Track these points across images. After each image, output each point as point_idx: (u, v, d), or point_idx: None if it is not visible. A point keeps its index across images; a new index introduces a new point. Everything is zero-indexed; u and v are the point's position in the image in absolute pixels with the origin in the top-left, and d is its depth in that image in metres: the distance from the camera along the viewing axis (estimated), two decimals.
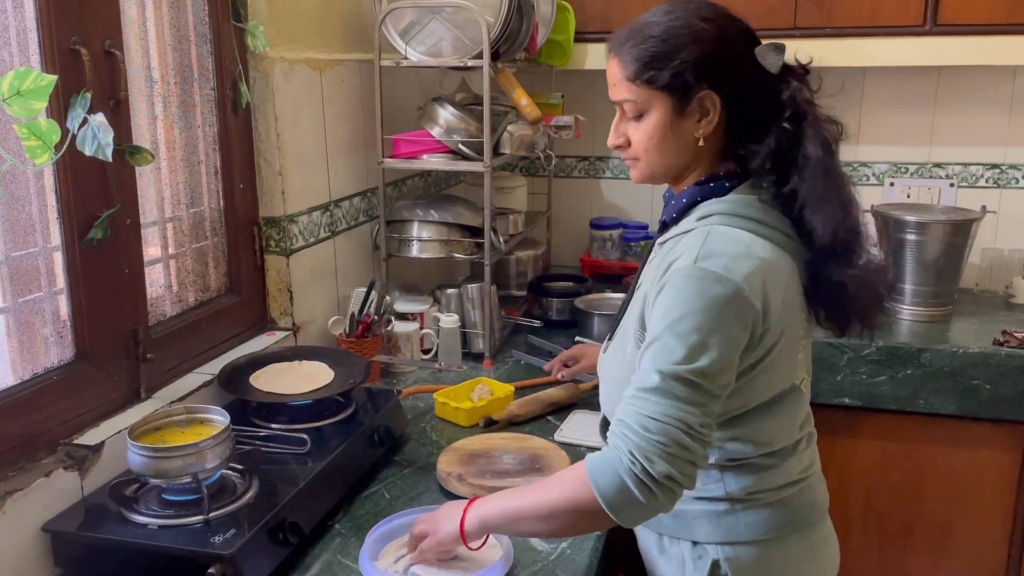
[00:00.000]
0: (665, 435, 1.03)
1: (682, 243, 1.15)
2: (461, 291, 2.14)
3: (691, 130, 1.17)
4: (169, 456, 1.21)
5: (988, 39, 2.23)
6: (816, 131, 1.15)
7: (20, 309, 1.28)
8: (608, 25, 2.46)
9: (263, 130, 1.79)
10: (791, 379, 1.20)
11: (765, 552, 1.20)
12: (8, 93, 1.04)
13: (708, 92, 1.14)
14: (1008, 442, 2.16)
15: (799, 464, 1.24)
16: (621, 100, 1.20)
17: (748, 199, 1.17)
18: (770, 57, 1.16)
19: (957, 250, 2.31)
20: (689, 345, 1.05)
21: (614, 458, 1.05)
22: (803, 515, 1.24)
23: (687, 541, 1.22)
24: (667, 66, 1.14)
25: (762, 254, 1.12)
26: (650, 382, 1.06)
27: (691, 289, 1.07)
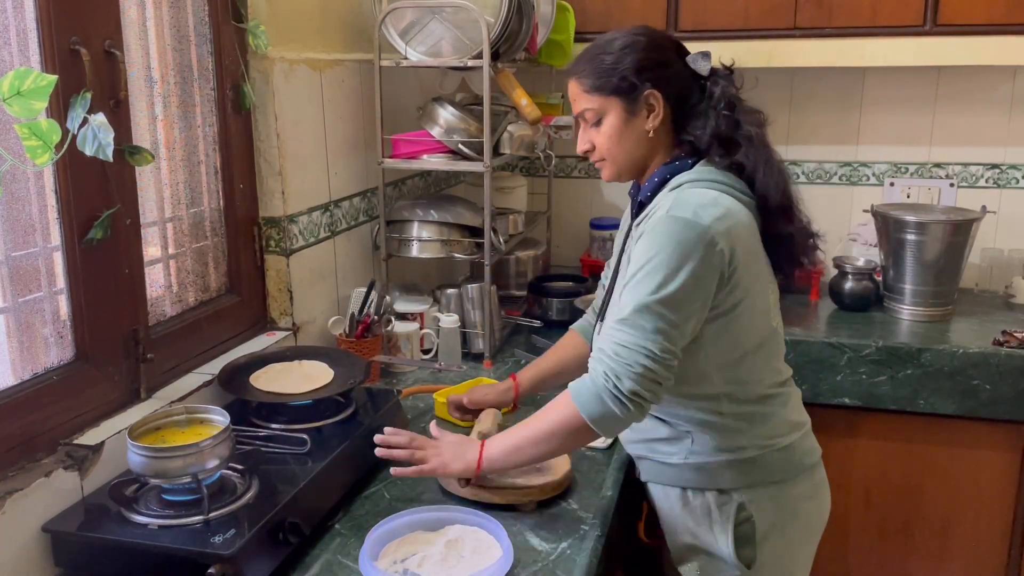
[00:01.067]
0: (632, 359, 1.24)
1: (655, 208, 1.34)
2: (461, 291, 2.14)
3: (642, 125, 1.39)
4: (169, 456, 1.21)
5: (988, 39, 2.23)
6: (748, 116, 1.40)
7: (20, 309, 1.28)
8: (608, 25, 2.45)
9: (263, 130, 1.79)
10: (770, 321, 1.41)
11: (779, 492, 1.41)
12: (8, 93, 1.03)
13: (651, 91, 1.37)
14: (1008, 442, 2.16)
15: (797, 410, 1.47)
16: (582, 111, 1.42)
17: (710, 168, 1.38)
18: (699, 62, 1.40)
19: (957, 250, 2.31)
20: (657, 279, 1.25)
21: (592, 380, 1.27)
22: (808, 458, 1.45)
23: (712, 491, 1.40)
24: (614, 74, 1.37)
25: (727, 205, 1.32)
26: (623, 314, 1.27)
27: (661, 232, 1.27)
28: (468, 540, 1.27)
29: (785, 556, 1.45)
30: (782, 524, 1.42)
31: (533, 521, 1.36)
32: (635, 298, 1.26)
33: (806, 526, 1.47)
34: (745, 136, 1.38)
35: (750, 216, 1.36)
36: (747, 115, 1.40)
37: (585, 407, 1.26)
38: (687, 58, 1.41)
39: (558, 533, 1.33)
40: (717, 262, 1.27)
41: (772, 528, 1.40)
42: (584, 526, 1.35)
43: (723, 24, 2.37)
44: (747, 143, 1.37)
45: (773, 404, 1.41)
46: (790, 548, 1.45)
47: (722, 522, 1.39)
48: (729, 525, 1.38)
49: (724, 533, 1.39)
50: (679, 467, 1.41)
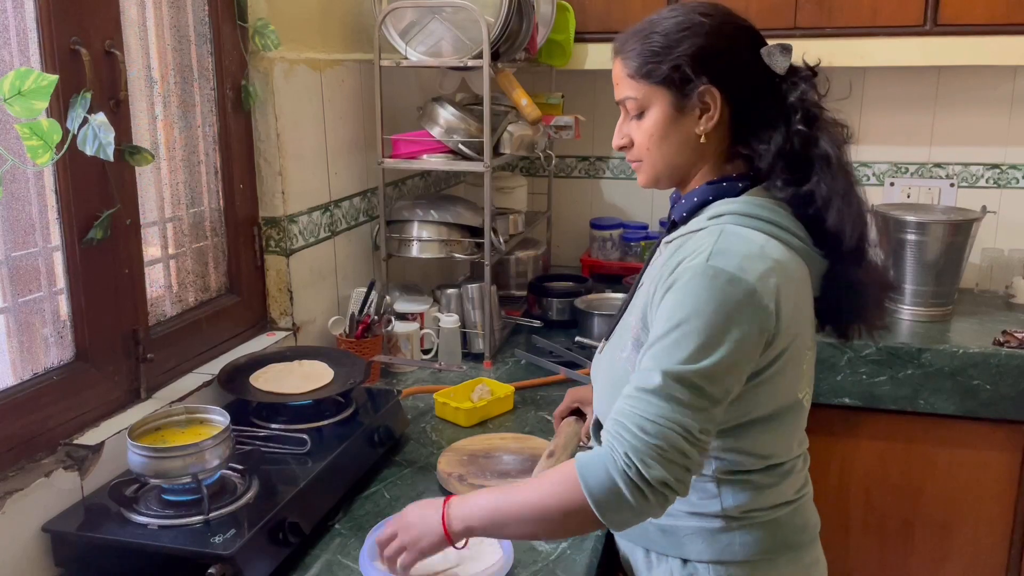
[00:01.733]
0: (663, 439, 1.00)
1: (692, 242, 1.12)
2: (461, 291, 2.13)
3: (692, 127, 1.15)
4: (169, 456, 1.21)
5: (988, 39, 2.23)
6: (830, 132, 1.14)
7: (20, 309, 1.28)
8: (608, 25, 2.46)
9: (263, 130, 1.79)
10: (795, 392, 1.17)
11: (756, 573, 1.17)
12: (9, 93, 1.03)
13: (708, 86, 1.13)
14: (1008, 442, 2.16)
15: (795, 484, 1.21)
16: (623, 98, 1.19)
17: (762, 200, 1.14)
18: (776, 58, 1.15)
19: (957, 250, 2.31)
20: (695, 346, 1.02)
21: (607, 458, 1.02)
22: (796, 536, 1.21)
23: (676, 558, 1.19)
24: (666, 60, 1.13)
25: (776, 255, 1.08)
26: (651, 383, 1.02)
27: (701, 287, 1.04)
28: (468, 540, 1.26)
29: None
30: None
31: None
32: (667, 365, 1.02)
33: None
34: (821, 156, 1.12)
35: (801, 268, 1.13)
36: (827, 130, 1.14)
37: (592, 490, 1.01)
38: (762, 51, 1.15)
39: None
40: (764, 326, 1.05)
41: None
42: None
43: None
44: (823, 166, 1.12)
45: (770, 476, 1.18)
46: None
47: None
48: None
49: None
50: (643, 526, 1.16)
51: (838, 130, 1.16)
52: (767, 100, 1.15)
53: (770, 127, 1.13)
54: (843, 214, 1.11)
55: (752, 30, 1.19)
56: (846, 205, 1.11)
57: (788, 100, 1.14)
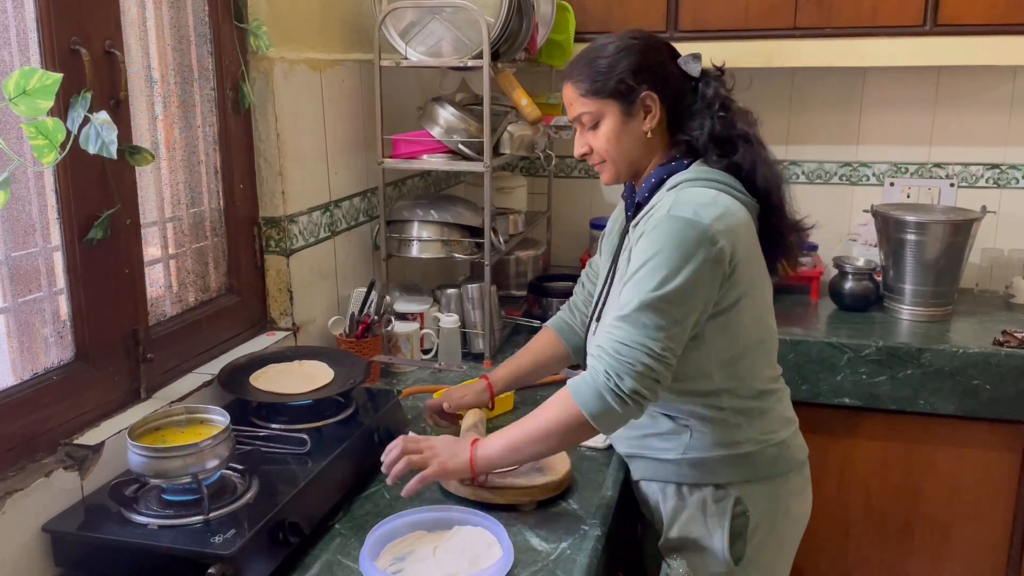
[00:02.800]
0: (632, 357, 1.26)
1: (655, 208, 1.36)
2: (461, 291, 2.13)
3: (639, 127, 1.41)
4: (169, 456, 1.21)
5: (988, 39, 2.23)
6: (741, 116, 1.42)
7: (20, 309, 1.28)
8: (608, 25, 2.46)
9: (263, 130, 1.79)
10: (767, 319, 1.44)
11: (774, 486, 1.44)
12: (14, 92, 1.04)
13: (648, 92, 1.39)
14: (1008, 442, 2.16)
15: (789, 407, 1.50)
16: (579, 114, 1.43)
17: (706, 168, 1.40)
18: (691, 64, 1.42)
19: (957, 250, 2.31)
20: (659, 277, 1.27)
21: (592, 377, 1.28)
22: (799, 454, 1.49)
23: (709, 486, 1.42)
24: (611, 77, 1.38)
25: (725, 203, 1.33)
26: (624, 311, 1.28)
27: (662, 231, 1.29)
28: (468, 540, 1.27)
29: (772, 551, 1.47)
30: (772, 519, 1.44)
31: (533, 521, 1.36)
32: (636, 296, 1.28)
33: (793, 522, 1.50)
34: (741, 136, 1.40)
35: (747, 215, 1.38)
36: (740, 115, 1.42)
37: (586, 404, 1.27)
38: (679, 60, 1.43)
39: (558, 533, 1.33)
40: (718, 260, 1.29)
41: (763, 523, 1.43)
42: (584, 526, 1.35)
43: (723, 24, 2.37)
44: (744, 143, 1.40)
45: (770, 400, 1.44)
46: (777, 543, 1.48)
47: (718, 516, 1.41)
48: (726, 520, 1.41)
49: (720, 527, 1.41)
50: (676, 463, 1.43)
51: (747, 115, 1.44)
52: (690, 98, 1.42)
53: (698, 118, 1.41)
54: (767, 176, 1.40)
55: (670, 45, 1.46)
56: (767, 169, 1.41)
57: (707, 96, 1.41)
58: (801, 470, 1.49)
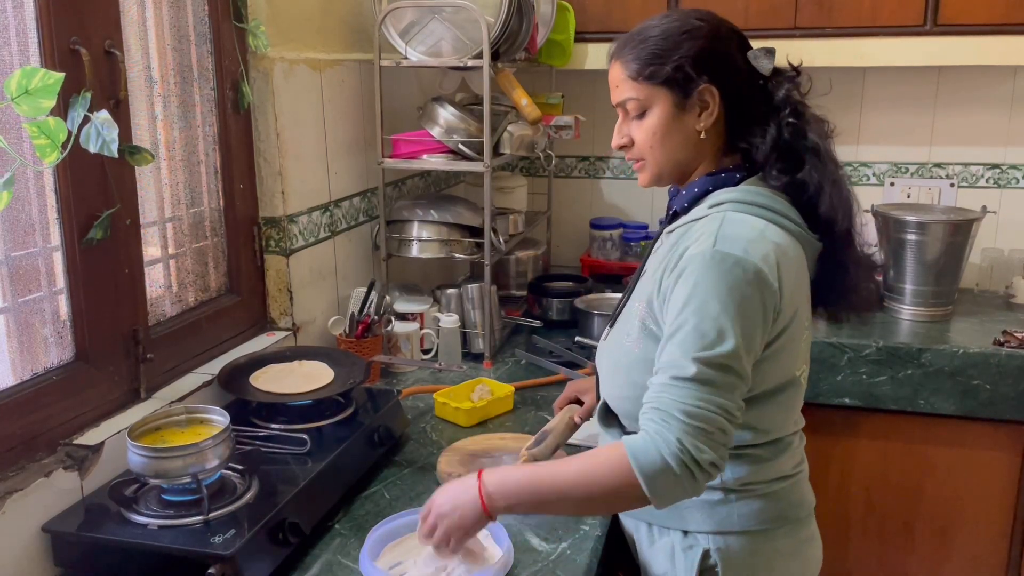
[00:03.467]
0: (710, 423, 1.07)
1: (695, 229, 1.18)
2: (461, 291, 2.13)
3: (692, 124, 1.22)
4: (169, 456, 1.21)
5: (988, 39, 2.23)
6: (815, 125, 1.23)
7: (20, 309, 1.28)
8: (608, 25, 2.46)
9: (263, 130, 1.79)
10: (794, 368, 1.23)
11: (754, 544, 1.24)
12: (16, 92, 1.04)
13: (707, 85, 1.19)
14: (1008, 442, 2.16)
15: (792, 459, 1.28)
16: (624, 99, 1.24)
17: (759, 188, 1.21)
18: (762, 60, 1.23)
19: (957, 250, 2.31)
20: (717, 329, 1.09)
21: (660, 444, 1.07)
22: (792, 510, 1.27)
23: (677, 531, 1.25)
24: (668, 61, 1.19)
25: (775, 239, 1.16)
26: (687, 372, 1.08)
27: (712, 273, 1.10)
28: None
29: None
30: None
31: (533, 521, 1.36)
32: (696, 350, 1.09)
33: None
34: (811, 149, 1.20)
35: (798, 250, 1.20)
36: (814, 124, 1.23)
37: (647, 474, 1.06)
38: (748, 54, 1.23)
39: (558, 533, 1.33)
40: (770, 302, 1.13)
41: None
42: (584, 526, 1.35)
43: None
44: (813, 157, 1.20)
45: (767, 450, 1.24)
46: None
47: (686, 568, 1.24)
48: (692, 573, 1.23)
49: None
50: None
51: (821, 124, 1.24)
52: (757, 98, 1.22)
53: (762, 123, 1.21)
54: (834, 200, 1.20)
55: (741, 34, 1.26)
56: (836, 192, 1.20)
57: (775, 98, 1.22)
58: (795, 529, 1.27)
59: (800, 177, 1.20)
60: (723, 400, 1.08)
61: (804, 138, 1.20)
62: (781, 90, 1.22)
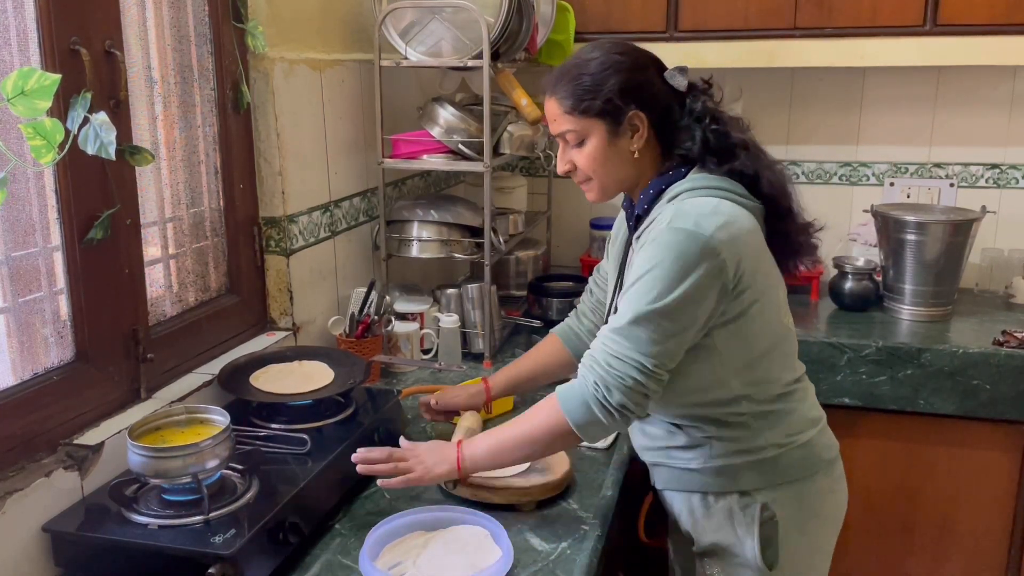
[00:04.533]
0: (623, 371, 1.25)
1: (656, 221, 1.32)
2: (461, 291, 2.13)
3: (627, 146, 1.36)
4: (169, 456, 1.21)
5: (988, 39, 2.23)
6: (735, 125, 1.39)
7: (20, 309, 1.28)
8: (608, 25, 2.46)
9: (263, 130, 1.79)
10: (782, 318, 1.41)
11: (802, 489, 1.41)
12: (12, 93, 1.04)
13: (635, 112, 1.34)
14: (1008, 442, 2.16)
15: (813, 406, 1.47)
16: (563, 131, 1.38)
17: (705, 175, 1.36)
18: (677, 78, 1.37)
19: (957, 250, 2.31)
20: (657, 289, 1.24)
21: (581, 387, 1.28)
22: (826, 452, 1.45)
23: (734, 493, 1.39)
24: (598, 96, 1.33)
25: (728, 211, 1.29)
26: (619, 323, 1.26)
27: (662, 244, 1.25)
28: (468, 540, 1.27)
29: (807, 553, 1.45)
30: (803, 521, 1.42)
31: (533, 521, 1.36)
32: (631, 308, 1.25)
33: (826, 521, 1.48)
34: (740, 144, 1.36)
35: (752, 219, 1.33)
36: (733, 124, 1.38)
37: (572, 413, 1.27)
38: (665, 74, 1.38)
39: (558, 533, 1.33)
40: (719, 272, 1.25)
41: (794, 526, 1.40)
42: (584, 526, 1.35)
43: (723, 24, 2.37)
44: (743, 151, 1.35)
45: (791, 401, 1.41)
46: (811, 544, 1.46)
47: (747, 524, 1.38)
48: (754, 527, 1.37)
49: (750, 535, 1.38)
50: (699, 472, 1.40)
51: (739, 122, 1.40)
52: (679, 112, 1.38)
53: (688, 131, 1.37)
54: (772, 181, 1.36)
55: (657, 59, 1.41)
56: (772, 175, 1.37)
57: (695, 110, 1.37)
58: (829, 470, 1.46)
59: (737, 167, 1.35)
60: (640, 355, 1.24)
61: (729, 137, 1.36)
62: (698, 103, 1.37)
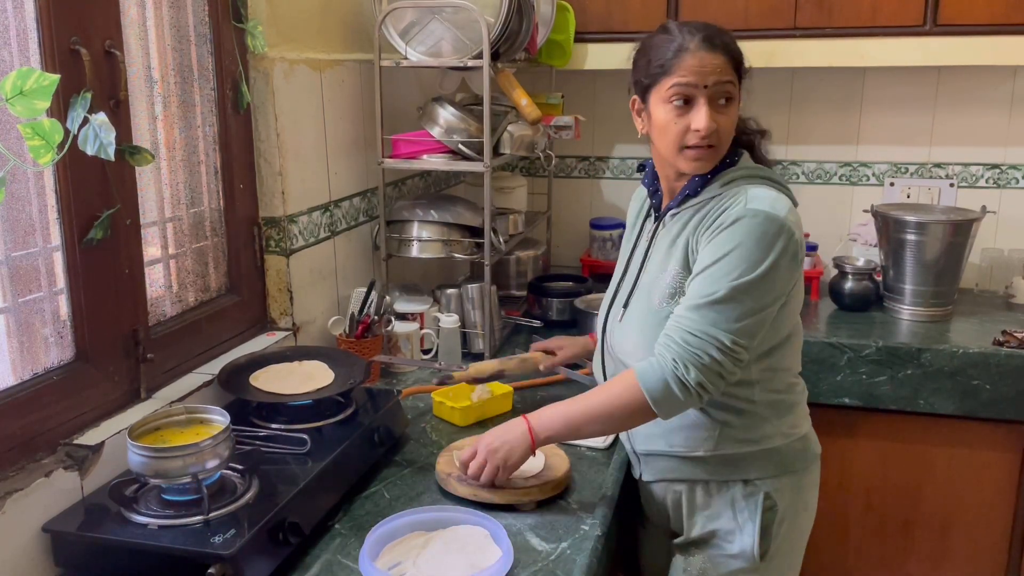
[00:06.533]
0: (701, 348, 1.27)
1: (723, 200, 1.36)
2: (461, 291, 2.14)
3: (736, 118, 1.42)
4: (169, 456, 1.21)
5: (988, 39, 2.23)
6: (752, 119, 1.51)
7: (20, 309, 1.28)
8: (608, 25, 2.46)
9: (263, 130, 1.79)
10: (799, 312, 1.45)
11: (799, 480, 1.46)
12: (11, 93, 1.03)
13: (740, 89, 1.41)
14: (1008, 442, 2.16)
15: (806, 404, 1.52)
16: (726, 83, 1.36)
17: (752, 164, 1.44)
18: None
19: (957, 250, 2.31)
20: (738, 269, 1.28)
21: (659, 364, 1.30)
22: (815, 447, 1.51)
23: (738, 482, 1.42)
24: (741, 66, 1.40)
25: (787, 199, 1.36)
26: (697, 300, 1.29)
27: (743, 225, 1.29)
28: (468, 540, 1.27)
29: (792, 545, 1.49)
30: (795, 513, 1.46)
31: (533, 521, 1.36)
32: (711, 286, 1.29)
33: (811, 514, 1.53)
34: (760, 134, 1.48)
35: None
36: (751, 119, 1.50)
37: (650, 390, 1.29)
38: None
39: (558, 533, 1.33)
40: (795, 253, 1.32)
41: (787, 517, 1.44)
42: (584, 526, 1.35)
43: (723, 24, 2.36)
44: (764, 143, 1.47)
45: (795, 393, 1.47)
46: (796, 536, 1.50)
47: (749, 512, 1.41)
48: (757, 515, 1.41)
49: (751, 523, 1.41)
50: (705, 460, 1.42)
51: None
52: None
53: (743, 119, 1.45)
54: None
55: None
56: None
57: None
58: (815, 464, 1.51)
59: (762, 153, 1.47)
60: (719, 332, 1.27)
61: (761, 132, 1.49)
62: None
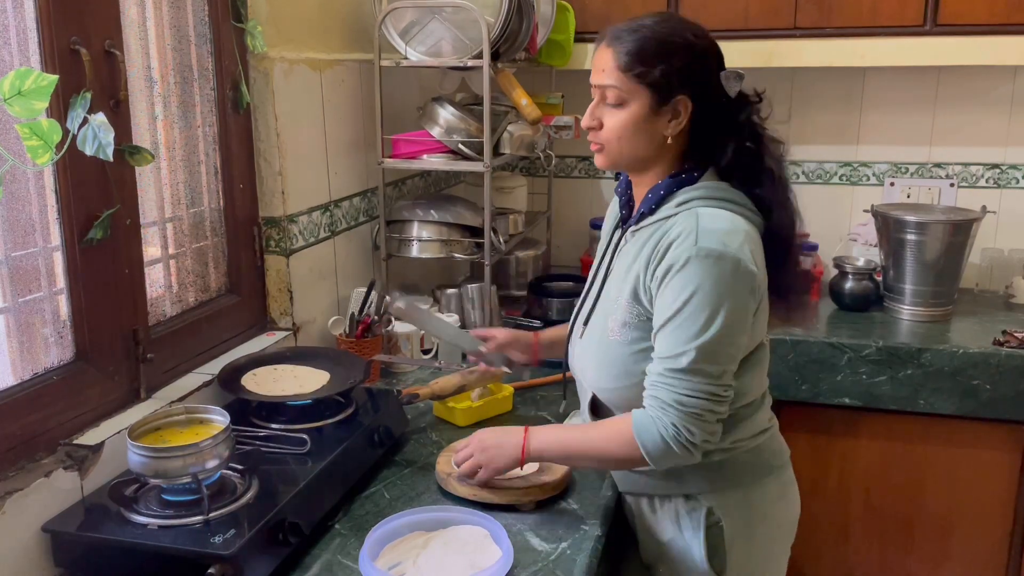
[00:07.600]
0: (700, 408, 1.23)
1: (671, 226, 1.28)
2: (461, 291, 2.14)
3: (661, 128, 1.30)
4: (169, 456, 1.21)
5: (988, 39, 2.23)
6: (771, 148, 1.34)
7: (20, 309, 1.28)
8: (608, 25, 2.46)
9: (263, 130, 1.79)
10: (763, 333, 1.37)
11: (748, 494, 1.39)
12: (9, 93, 1.03)
13: (684, 97, 1.28)
14: (1008, 442, 2.16)
15: (765, 413, 1.43)
16: (607, 85, 1.31)
17: (716, 183, 1.31)
18: (732, 83, 1.31)
19: (957, 250, 2.31)
20: (702, 320, 1.21)
21: (659, 427, 1.24)
22: (775, 458, 1.43)
23: (679, 497, 1.38)
24: (656, 67, 1.27)
25: (744, 226, 1.27)
26: (679, 363, 1.23)
27: (696, 269, 1.22)
28: (468, 540, 1.27)
29: (757, 561, 1.42)
30: (750, 528, 1.39)
31: (533, 521, 1.36)
32: (683, 344, 1.22)
33: (776, 527, 1.45)
34: (767, 171, 1.32)
35: (757, 233, 1.31)
36: (770, 147, 1.34)
37: (649, 451, 1.25)
38: (721, 74, 1.31)
39: (558, 533, 1.33)
40: (754, 289, 1.26)
41: (741, 533, 1.38)
42: (584, 526, 1.35)
43: (723, 24, 2.37)
44: (768, 179, 1.31)
45: (748, 409, 1.37)
46: (762, 553, 1.43)
47: (692, 528, 1.37)
48: (700, 531, 1.36)
49: (696, 539, 1.37)
50: (647, 474, 1.38)
51: (778, 146, 1.35)
52: (721, 116, 1.31)
53: (722, 140, 1.31)
54: (783, 220, 1.33)
55: (721, 55, 1.34)
56: (784, 212, 1.33)
57: (737, 120, 1.32)
58: (779, 475, 1.43)
59: (757, 194, 1.31)
60: (710, 387, 1.23)
61: (761, 161, 1.32)
62: (743, 114, 1.32)
